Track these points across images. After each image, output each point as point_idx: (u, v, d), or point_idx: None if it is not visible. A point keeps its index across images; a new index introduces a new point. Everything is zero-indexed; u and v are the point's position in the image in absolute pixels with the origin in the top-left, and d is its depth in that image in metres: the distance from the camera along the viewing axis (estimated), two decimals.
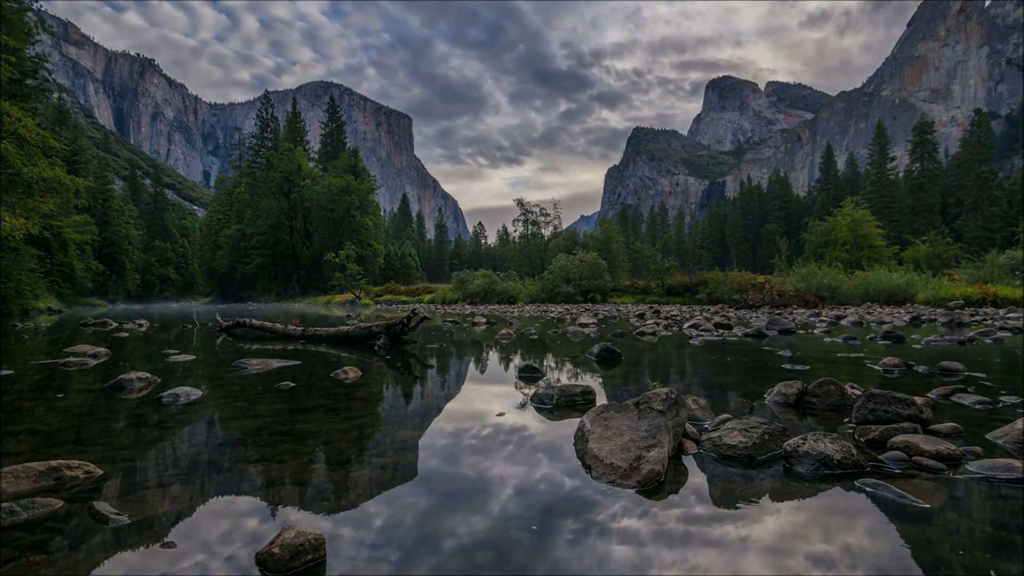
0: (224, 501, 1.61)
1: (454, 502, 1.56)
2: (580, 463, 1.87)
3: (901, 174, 74.33)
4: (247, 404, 3.08)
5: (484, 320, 11.48)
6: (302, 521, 1.44)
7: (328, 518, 1.47)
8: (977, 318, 10.12)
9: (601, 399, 3.02)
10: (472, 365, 4.96)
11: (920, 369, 3.90)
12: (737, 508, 1.51)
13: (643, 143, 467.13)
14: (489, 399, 3.19)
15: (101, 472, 1.82)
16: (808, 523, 1.40)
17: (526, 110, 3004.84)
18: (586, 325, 9.50)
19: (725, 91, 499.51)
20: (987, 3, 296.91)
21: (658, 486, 1.65)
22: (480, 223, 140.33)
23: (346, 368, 3.98)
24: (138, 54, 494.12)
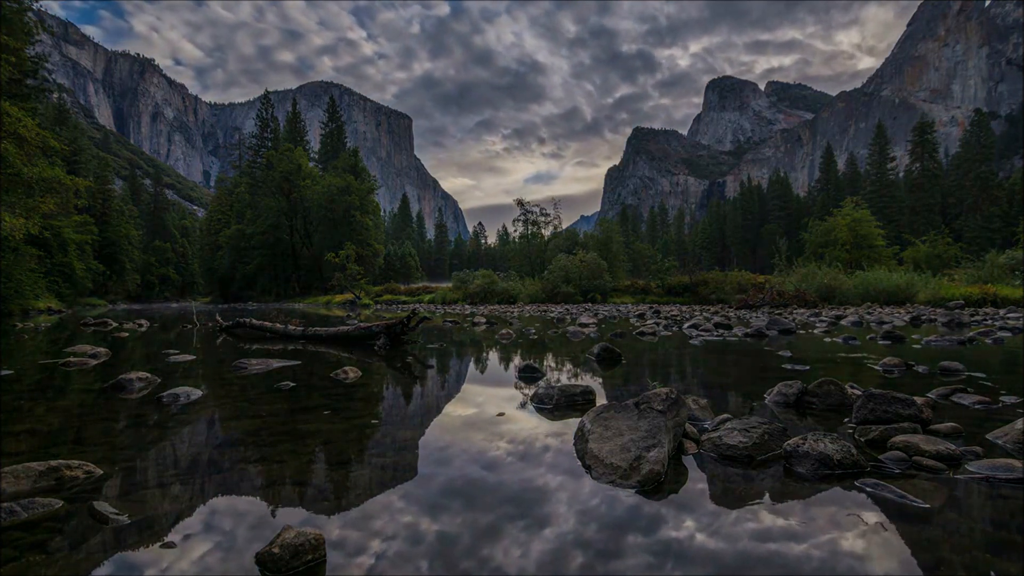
0: (224, 501, 1.61)
1: (454, 502, 1.56)
2: (580, 463, 1.87)
3: (901, 174, 74.30)
4: (247, 404, 3.09)
5: (484, 320, 11.47)
6: (302, 521, 1.44)
7: (328, 518, 1.47)
8: (977, 318, 10.12)
9: (601, 399, 3.02)
10: (472, 365, 4.96)
11: (920, 369, 3.90)
12: (737, 508, 1.51)
13: (643, 143, 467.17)
14: (489, 399, 3.19)
15: (101, 472, 1.82)
16: (808, 523, 1.40)
17: (576, 96, 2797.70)
18: (586, 325, 9.49)
19: (725, 91, 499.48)
20: (987, 3, 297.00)
21: (658, 486, 1.65)
22: (480, 223, 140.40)
23: (346, 368, 3.98)
24: (138, 54, 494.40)
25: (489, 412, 2.76)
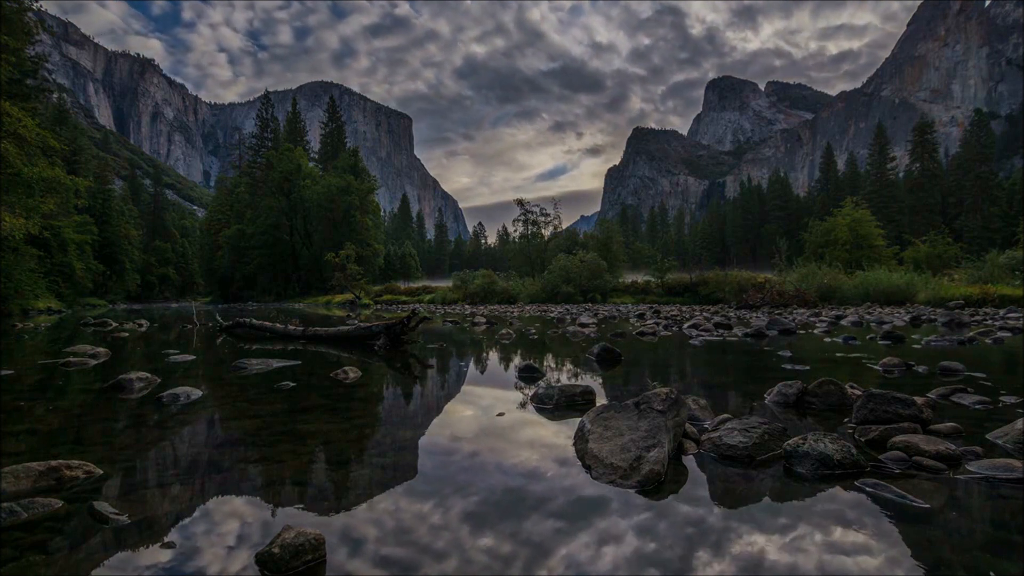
0: (224, 501, 1.61)
1: (454, 502, 1.56)
2: (580, 463, 1.87)
3: (901, 174, 74.38)
4: (247, 404, 3.09)
5: (484, 320, 11.47)
6: (302, 521, 1.44)
7: (328, 518, 1.47)
8: (977, 318, 10.11)
9: (601, 399, 3.02)
10: (472, 365, 4.96)
11: (920, 369, 3.90)
12: (737, 508, 1.51)
13: (643, 143, 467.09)
14: (489, 399, 3.19)
15: (101, 472, 1.82)
16: (808, 523, 1.40)
17: (628, 84, 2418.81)
18: (586, 325, 9.49)
19: (725, 91, 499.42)
20: (987, 3, 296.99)
21: (658, 486, 1.65)
22: (480, 223, 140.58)
23: (346, 368, 3.98)
24: (138, 54, 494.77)
25: (489, 412, 2.76)
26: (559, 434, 2.30)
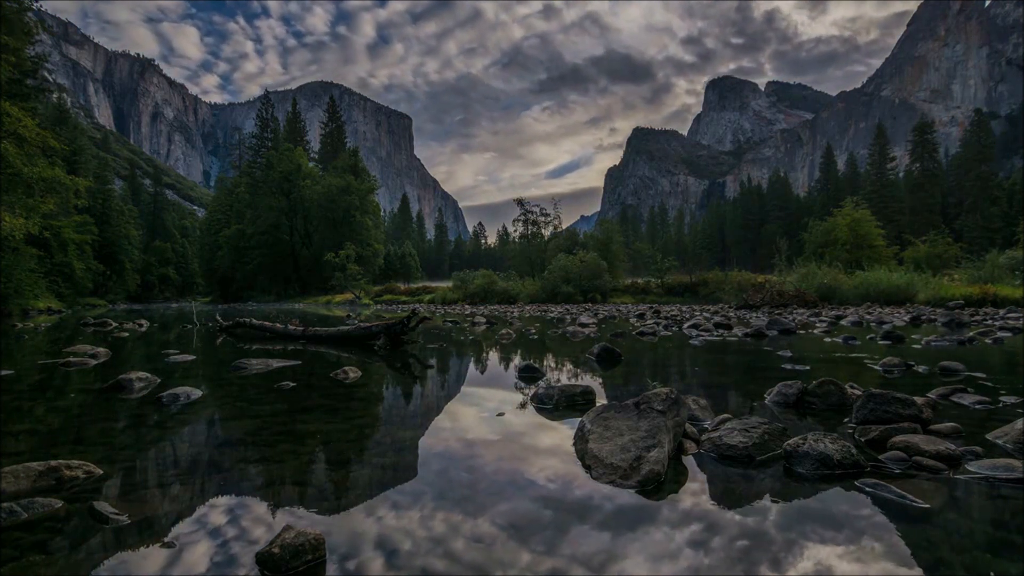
0: (224, 501, 1.61)
1: (454, 503, 1.56)
2: (580, 463, 1.87)
3: (901, 174, 74.41)
4: (247, 404, 3.09)
5: (484, 320, 11.47)
6: (302, 521, 1.44)
7: (328, 518, 1.47)
8: (977, 318, 10.11)
9: (601, 399, 3.02)
10: (472, 365, 4.96)
11: (920, 369, 3.89)
12: (737, 508, 1.51)
13: (643, 143, 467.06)
14: (489, 399, 3.19)
15: (101, 472, 1.82)
16: (808, 523, 1.40)
17: (673, 77, 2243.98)
18: (586, 325, 9.49)
19: (725, 91, 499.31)
20: (987, 3, 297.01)
21: (658, 486, 1.65)
22: (480, 223, 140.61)
23: (346, 368, 3.98)
24: (138, 54, 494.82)
25: (489, 412, 2.76)
26: (559, 434, 2.30)
